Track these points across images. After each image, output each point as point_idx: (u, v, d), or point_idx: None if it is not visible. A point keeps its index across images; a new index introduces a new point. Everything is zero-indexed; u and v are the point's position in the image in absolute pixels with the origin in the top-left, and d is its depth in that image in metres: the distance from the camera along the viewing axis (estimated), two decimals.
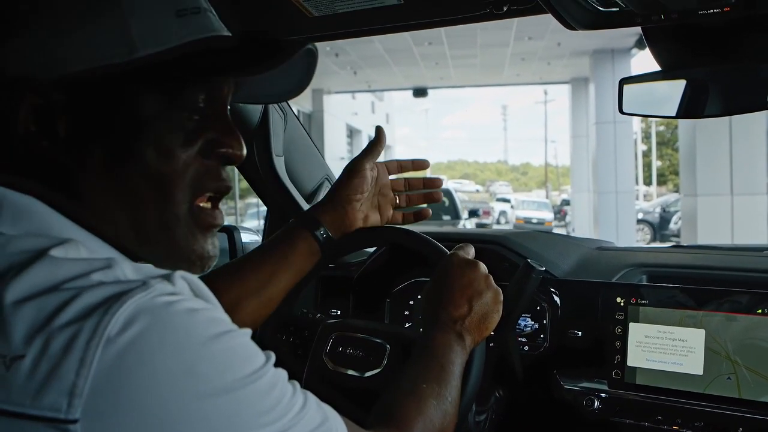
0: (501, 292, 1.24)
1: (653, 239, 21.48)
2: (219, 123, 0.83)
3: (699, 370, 1.43)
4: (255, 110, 1.69)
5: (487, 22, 1.41)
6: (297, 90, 0.89)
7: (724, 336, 1.42)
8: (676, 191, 22.28)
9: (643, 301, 1.51)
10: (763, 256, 1.70)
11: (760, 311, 1.40)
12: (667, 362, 1.47)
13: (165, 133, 0.77)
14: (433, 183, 1.48)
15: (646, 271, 1.71)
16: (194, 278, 0.72)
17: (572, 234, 21.36)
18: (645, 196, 34.07)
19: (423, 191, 1.48)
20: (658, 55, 1.41)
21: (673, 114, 1.47)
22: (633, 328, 1.51)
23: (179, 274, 0.70)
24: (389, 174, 1.46)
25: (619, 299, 1.53)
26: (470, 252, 1.30)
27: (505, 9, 1.33)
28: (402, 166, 1.47)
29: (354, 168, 1.38)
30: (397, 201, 1.46)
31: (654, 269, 1.71)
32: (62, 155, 0.74)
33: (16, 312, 0.61)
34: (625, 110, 1.48)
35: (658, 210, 22.72)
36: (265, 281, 1.28)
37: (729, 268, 1.62)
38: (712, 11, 1.18)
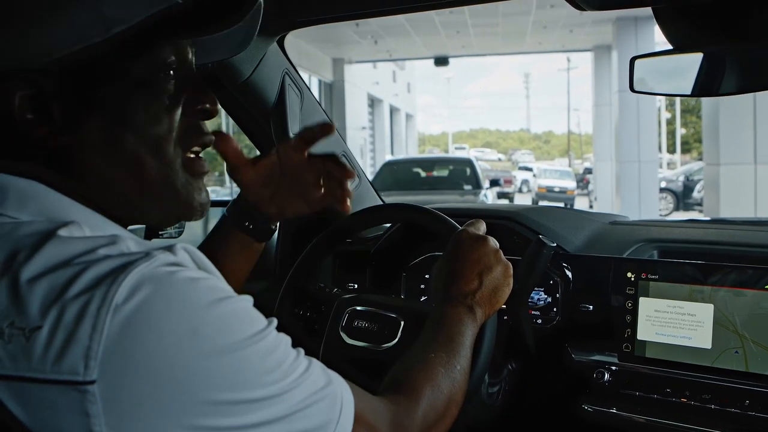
0: (511, 266, 1.26)
1: (676, 208, 21.31)
2: (192, 83, 0.87)
3: (707, 344, 1.46)
4: (272, 90, 1.71)
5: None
6: (246, 42, 0.93)
7: (732, 310, 1.44)
8: (700, 159, 22.05)
9: (653, 276, 1.53)
10: None
11: (767, 286, 1.42)
12: (676, 336, 1.49)
13: (150, 99, 0.81)
14: (325, 131, 1.21)
15: (657, 246, 1.73)
16: (195, 250, 0.77)
17: (594, 202, 21.29)
18: (669, 164, 33.77)
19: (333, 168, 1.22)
20: (669, 35, 1.42)
21: (688, 92, 1.47)
22: (643, 302, 1.53)
23: (180, 246, 0.74)
24: (300, 150, 1.21)
25: (629, 274, 1.56)
26: (480, 228, 1.31)
27: None
28: (305, 138, 1.21)
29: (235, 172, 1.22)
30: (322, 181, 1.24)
31: (665, 244, 1.73)
32: (61, 138, 0.77)
33: (30, 288, 0.66)
34: (636, 88, 1.49)
35: (681, 178, 22.51)
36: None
37: (739, 244, 1.64)
38: None
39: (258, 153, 1.65)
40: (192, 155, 0.89)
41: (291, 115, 1.75)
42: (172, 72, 0.84)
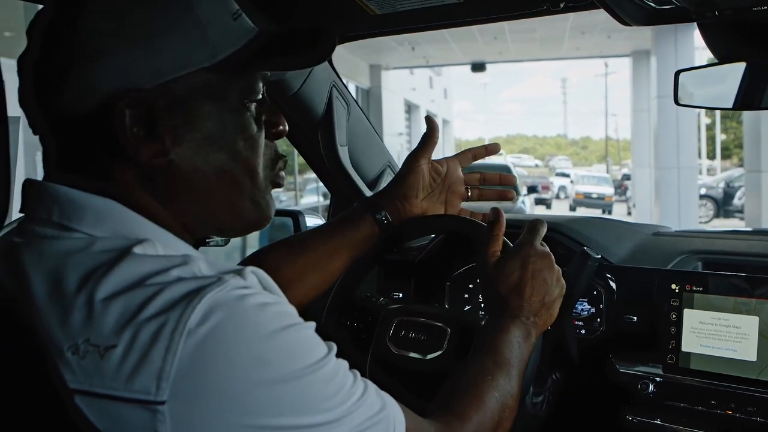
0: (566, 286, 1.27)
1: (716, 215, 21.07)
2: (267, 105, 0.93)
3: (752, 356, 1.46)
4: (320, 103, 1.75)
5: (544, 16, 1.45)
6: (317, 63, 0.97)
7: None
8: (741, 165, 21.78)
9: (697, 288, 1.54)
10: None
11: None
12: (720, 348, 1.50)
13: (244, 122, 0.87)
14: (508, 180, 1.52)
15: (701, 257, 1.73)
16: (263, 273, 0.80)
17: (633, 209, 21.09)
18: (708, 170, 33.38)
19: (497, 188, 1.52)
20: (714, 48, 1.43)
21: (730, 105, 1.48)
22: (687, 314, 1.54)
23: (250, 269, 0.77)
24: (463, 165, 1.48)
25: (674, 286, 1.56)
26: (543, 231, 1.29)
27: (561, 6, 1.37)
28: (475, 155, 1.49)
29: (408, 165, 1.42)
30: (469, 194, 1.48)
31: (709, 256, 1.73)
32: (168, 156, 0.82)
33: (106, 306, 0.69)
34: (681, 101, 1.50)
35: (721, 185, 22.24)
36: (327, 256, 1.36)
37: None
38: (764, 7, 1.21)
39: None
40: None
41: (338, 127, 1.79)
42: (260, 97, 0.90)
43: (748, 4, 1.21)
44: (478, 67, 22.69)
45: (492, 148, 1.52)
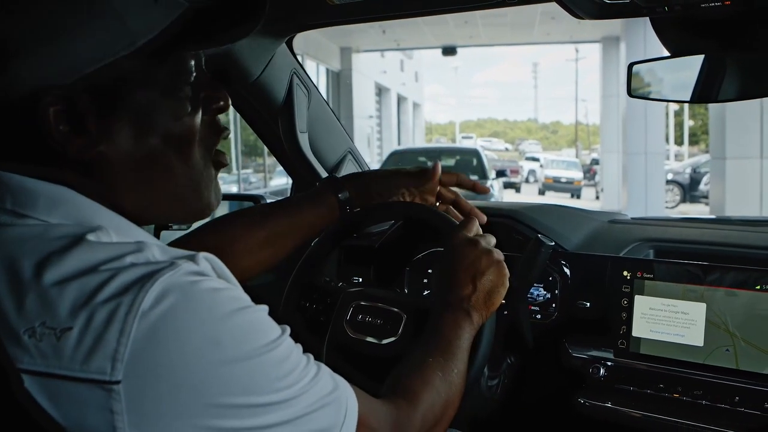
0: (504, 266, 1.28)
1: (683, 200, 21.29)
2: (205, 81, 0.91)
3: (699, 341, 1.50)
4: (280, 90, 1.76)
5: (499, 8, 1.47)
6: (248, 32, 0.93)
7: (724, 310, 1.48)
8: (708, 152, 22.01)
9: (648, 275, 1.58)
10: None
11: (758, 287, 1.46)
12: (669, 333, 1.54)
13: (175, 104, 0.85)
14: (480, 217, 1.49)
15: (653, 245, 1.77)
16: (216, 260, 0.81)
17: (601, 194, 21.25)
18: (676, 156, 33.67)
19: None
20: (666, 43, 1.46)
21: (687, 98, 1.51)
22: (638, 300, 1.58)
23: (202, 255, 0.79)
24: (444, 184, 1.51)
25: (625, 273, 1.60)
26: (472, 228, 1.32)
27: None
28: (461, 183, 1.54)
29: (391, 184, 1.45)
30: (437, 205, 1.51)
31: (661, 244, 1.77)
32: (97, 148, 0.81)
33: (61, 291, 0.70)
34: (633, 93, 1.53)
35: (688, 171, 22.43)
36: (282, 233, 1.39)
37: (733, 245, 1.67)
38: (713, 4, 1.24)
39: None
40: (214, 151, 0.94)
41: (299, 114, 1.80)
42: (192, 77, 0.88)
43: (696, 0, 1.23)
44: (449, 50, 22.66)
45: (481, 189, 1.59)
